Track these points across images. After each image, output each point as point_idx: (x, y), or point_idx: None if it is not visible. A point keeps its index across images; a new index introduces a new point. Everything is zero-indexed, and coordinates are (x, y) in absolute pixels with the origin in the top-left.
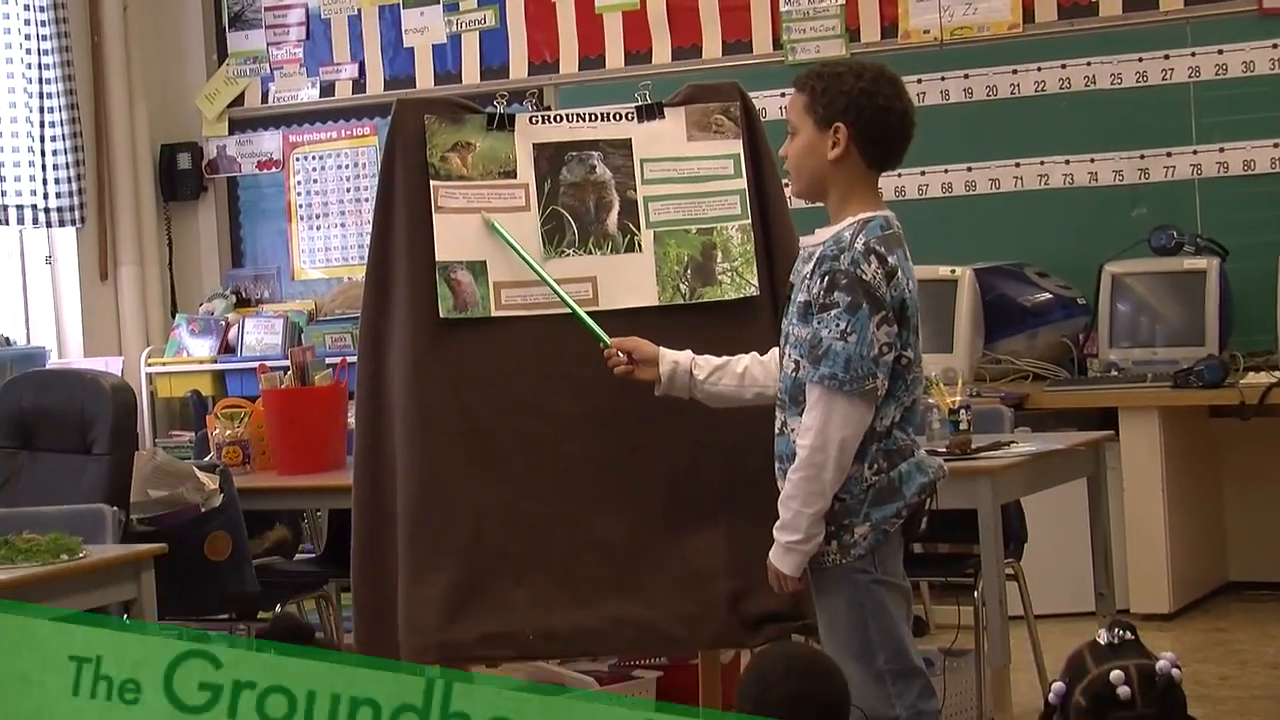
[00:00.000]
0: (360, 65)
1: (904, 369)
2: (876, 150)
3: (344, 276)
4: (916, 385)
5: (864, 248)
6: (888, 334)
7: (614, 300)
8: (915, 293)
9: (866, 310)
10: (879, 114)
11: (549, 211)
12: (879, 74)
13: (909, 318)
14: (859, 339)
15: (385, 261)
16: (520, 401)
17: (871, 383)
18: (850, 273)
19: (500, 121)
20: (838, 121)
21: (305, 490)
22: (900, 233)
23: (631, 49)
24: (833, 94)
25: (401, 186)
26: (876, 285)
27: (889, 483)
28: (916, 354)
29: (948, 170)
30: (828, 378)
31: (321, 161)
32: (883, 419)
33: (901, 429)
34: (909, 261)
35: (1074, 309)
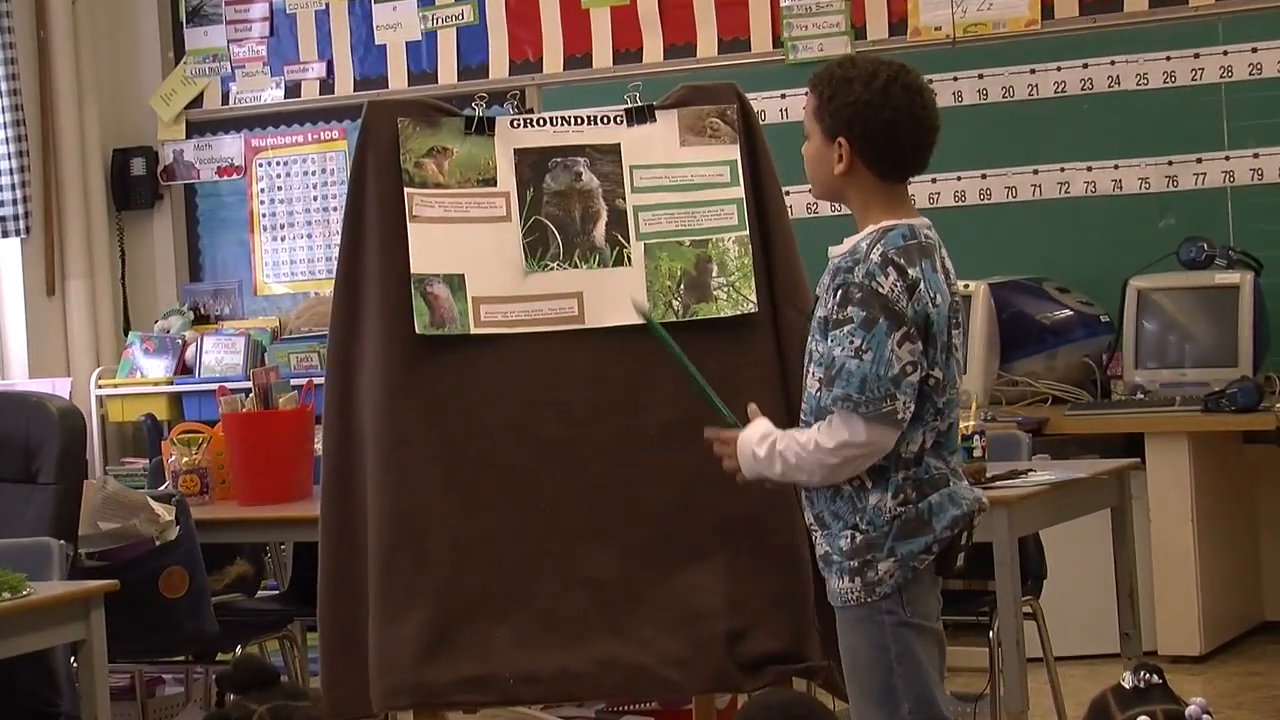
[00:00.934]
0: (328, 64)
1: (933, 390)
2: (886, 164)
3: (311, 291)
4: (951, 409)
5: (881, 259)
6: (911, 352)
7: (601, 318)
8: (947, 308)
9: (884, 326)
10: (884, 129)
11: (531, 222)
12: (892, 80)
13: (935, 335)
14: (875, 357)
15: (355, 275)
16: (502, 427)
17: (891, 405)
18: (865, 286)
19: (479, 125)
20: (840, 136)
21: (268, 522)
22: (929, 243)
23: (621, 47)
24: (838, 104)
25: (373, 194)
26: (895, 299)
27: (917, 515)
28: (950, 375)
29: (960, 178)
30: (841, 399)
31: (286, 167)
32: (909, 444)
33: (937, 456)
34: (940, 274)
35: (1097, 327)
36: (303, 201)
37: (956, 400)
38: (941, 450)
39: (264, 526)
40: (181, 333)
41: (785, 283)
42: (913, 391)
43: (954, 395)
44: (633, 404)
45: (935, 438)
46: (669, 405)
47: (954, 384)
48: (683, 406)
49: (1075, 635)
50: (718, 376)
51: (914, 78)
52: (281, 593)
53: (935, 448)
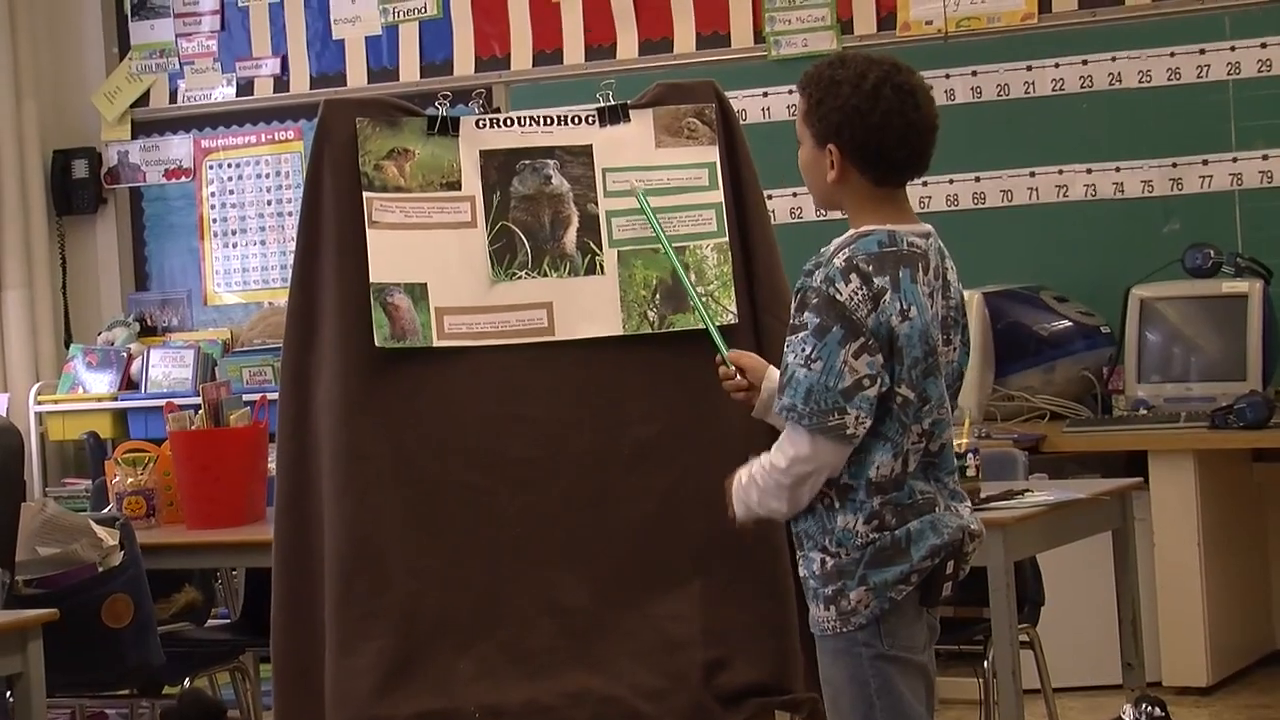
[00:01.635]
0: (283, 60)
1: (900, 409)
2: (879, 170)
3: (264, 301)
4: (941, 429)
5: (844, 264)
6: (869, 365)
7: (572, 329)
8: (924, 322)
9: (838, 335)
10: (874, 134)
11: (498, 228)
12: (882, 81)
13: (901, 350)
14: (825, 367)
15: (311, 284)
16: (466, 445)
17: (838, 419)
18: (823, 291)
19: (443, 125)
20: (830, 142)
21: (219, 547)
22: (912, 252)
23: (593, 42)
24: (826, 108)
25: (330, 199)
26: (854, 308)
27: (893, 542)
28: (934, 393)
29: (953, 180)
30: (787, 409)
31: (238, 170)
32: (878, 467)
33: (926, 479)
34: (921, 286)
35: (1097, 338)
36: (255, 206)
37: (947, 420)
38: (935, 472)
39: (214, 551)
40: (126, 345)
41: (767, 292)
42: (869, 407)
43: (944, 415)
44: (605, 420)
45: (922, 459)
46: (644, 421)
47: (942, 403)
48: (659, 423)
49: (1074, 665)
50: (696, 391)
51: (907, 77)
52: (232, 621)
53: (924, 470)
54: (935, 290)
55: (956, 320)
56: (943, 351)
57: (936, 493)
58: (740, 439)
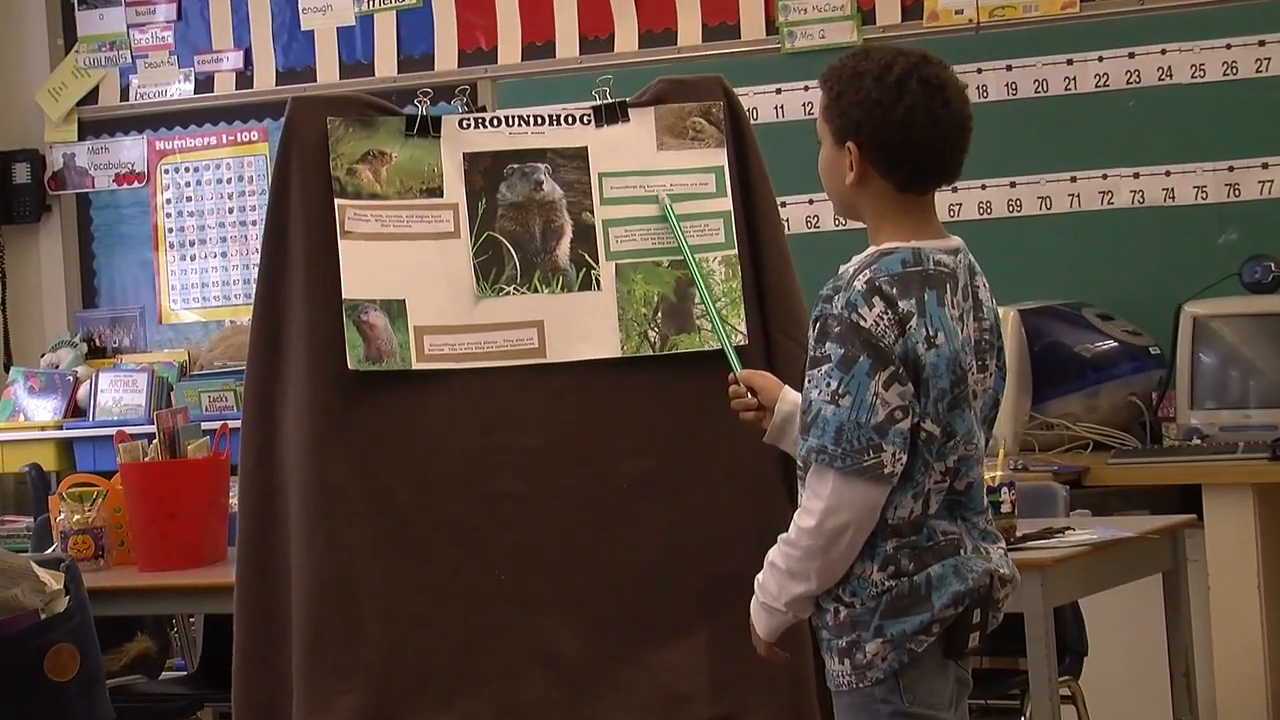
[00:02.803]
0: (246, 53)
1: (924, 445)
2: (902, 173)
3: (226, 320)
4: (968, 466)
5: (865, 287)
6: (900, 395)
7: (565, 350)
8: (954, 350)
9: (865, 365)
10: (896, 131)
11: (484, 239)
12: (907, 74)
13: (927, 380)
14: (854, 401)
15: (277, 301)
16: (449, 478)
17: (873, 457)
18: (844, 318)
19: (423, 125)
20: (849, 140)
21: (175, 591)
22: (939, 271)
23: (589, 34)
24: (846, 102)
25: (298, 206)
26: (880, 334)
27: (911, 589)
28: (963, 428)
29: (985, 186)
30: (816, 451)
31: (197, 174)
32: (897, 509)
33: (951, 519)
34: (946, 309)
35: (1145, 360)
36: (216, 215)
37: (975, 457)
38: (962, 511)
39: (169, 596)
40: (73, 368)
41: (779, 310)
42: (903, 442)
43: (971, 452)
44: (601, 451)
45: (945, 498)
46: (643, 453)
47: (970, 438)
48: (659, 454)
49: None
50: (702, 420)
51: (936, 70)
52: (190, 674)
53: (950, 510)
54: (965, 312)
55: (991, 343)
56: (977, 379)
57: (963, 533)
58: (750, 472)
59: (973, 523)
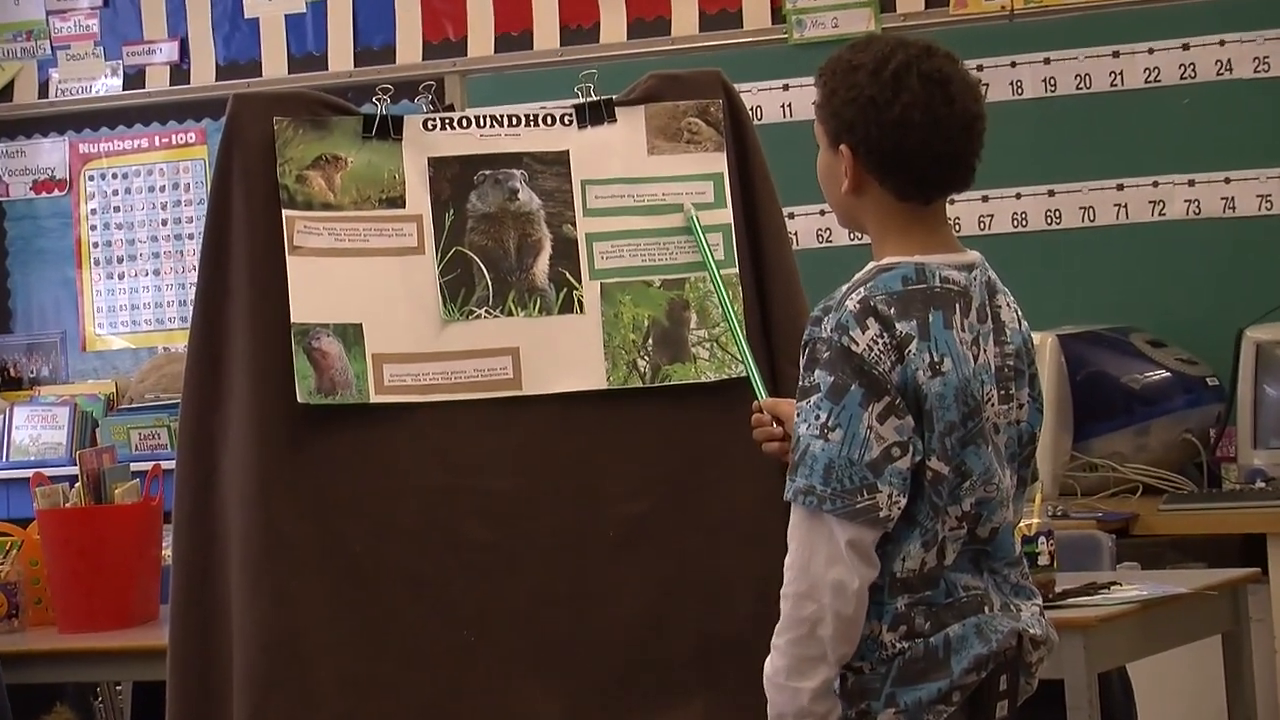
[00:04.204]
0: (182, 44)
1: (933, 486)
2: (900, 180)
3: (159, 346)
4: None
5: (858, 307)
6: (898, 429)
7: (544, 382)
8: (959, 377)
9: (858, 395)
10: (890, 132)
11: (451, 255)
12: (905, 67)
13: (931, 413)
14: (846, 436)
15: (217, 325)
16: (411, 526)
17: (867, 498)
18: (834, 342)
19: (382, 126)
20: (843, 142)
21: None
22: (947, 290)
23: (570, 22)
24: (839, 101)
25: (241, 218)
26: (874, 360)
27: (927, 652)
28: (966, 465)
29: (1021, 195)
30: (803, 492)
31: (126, 182)
32: (905, 559)
33: (975, 572)
34: (954, 331)
35: (1201, 393)
36: (148, 227)
37: (998, 499)
38: (989, 563)
39: (94, 661)
40: None
41: (787, 337)
42: (902, 482)
43: (992, 494)
44: (585, 495)
45: (966, 548)
46: (632, 497)
47: (989, 478)
48: (651, 498)
49: None
50: (699, 459)
51: (940, 63)
52: None
53: (974, 561)
54: (982, 335)
55: (1019, 370)
56: (999, 411)
57: (989, 588)
58: (753, 517)
59: (1002, 575)
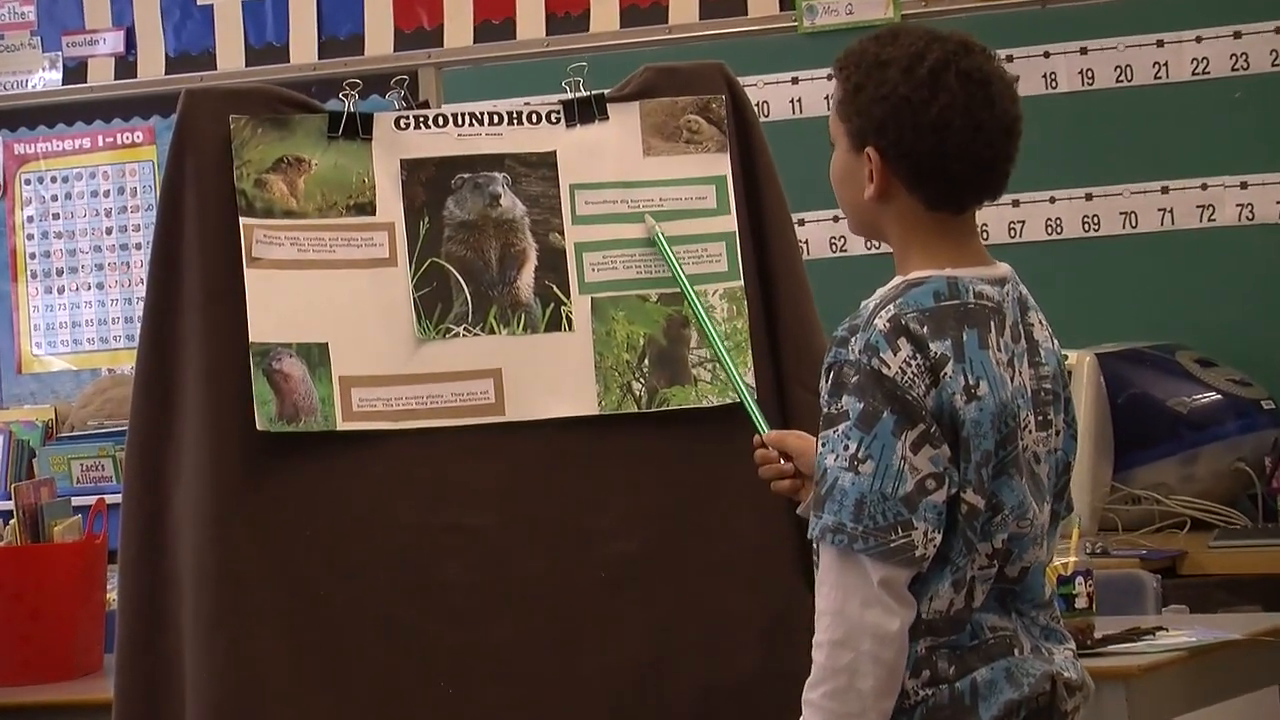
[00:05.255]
0: (128, 33)
1: (967, 520)
2: (934, 188)
3: (103, 368)
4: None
5: (889, 325)
6: (932, 460)
7: (528, 407)
8: (1000, 404)
9: (890, 422)
10: (928, 136)
11: (427, 267)
12: (943, 64)
13: (968, 441)
14: (878, 467)
15: (168, 344)
16: (382, 566)
17: (901, 535)
18: (863, 365)
19: (350, 125)
20: (869, 144)
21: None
22: (981, 306)
23: (557, 9)
24: (866, 98)
25: (194, 227)
26: (907, 384)
27: (953, 699)
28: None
29: (1055, 199)
30: (832, 530)
31: (67, 186)
32: (933, 599)
33: (1002, 612)
34: (990, 351)
35: (1255, 417)
36: (91, 236)
37: (1031, 535)
38: (1016, 604)
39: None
40: None
41: (797, 355)
42: (937, 517)
43: (1025, 529)
44: (574, 532)
45: (994, 588)
46: (625, 534)
47: (1022, 512)
48: (645, 535)
49: None
50: (699, 493)
51: (979, 60)
52: None
53: (1001, 602)
54: (1016, 356)
55: (1055, 393)
56: (1036, 438)
57: (1018, 630)
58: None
59: (1030, 617)
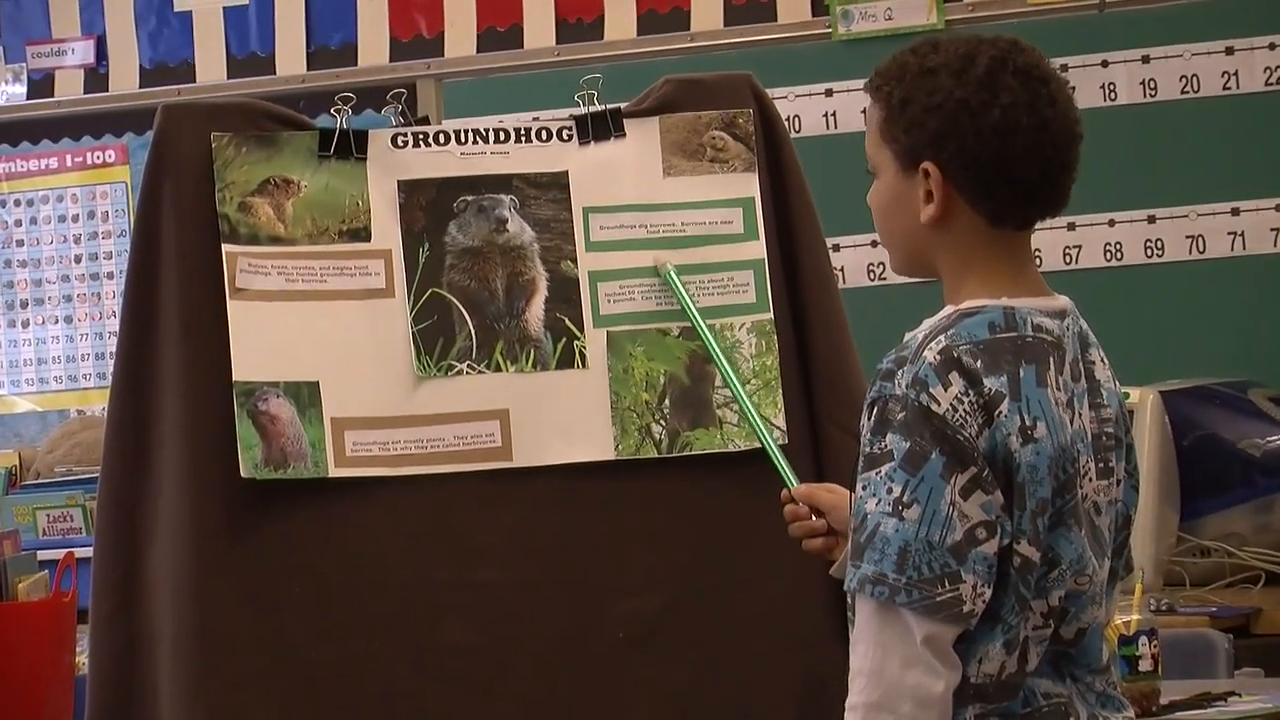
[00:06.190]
0: (98, 43)
1: (1021, 575)
2: (1000, 199)
3: (71, 409)
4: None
5: (939, 358)
6: (984, 507)
7: (539, 452)
8: (1053, 445)
9: (938, 464)
10: (993, 139)
11: (427, 297)
12: (999, 63)
13: (1023, 487)
14: (923, 513)
15: (144, 383)
16: (377, 626)
17: (948, 589)
18: (909, 400)
19: (343, 143)
20: (926, 159)
21: None
22: (1040, 341)
23: (569, 14)
24: (918, 109)
25: (171, 255)
26: (958, 423)
27: None
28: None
29: (1114, 222)
30: (872, 581)
31: (32, 209)
32: (982, 661)
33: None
34: (1049, 390)
35: None
36: (58, 264)
37: (1090, 593)
38: (1071, 669)
39: None
40: None
41: (831, 393)
42: (987, 571)
43: (1083, 586)
44: (589, 588)
45: (1045, 648)
46: (645, 590)
47: (1082, 567)
48: (667, 592)
49: None
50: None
51: (1033, 58)
52: None
53: (1054, 665)
54: (1076, 396)
55: (1117, 439)
56: (1098, 487)
57: (1073, 697)
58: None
59: (1085, 683)
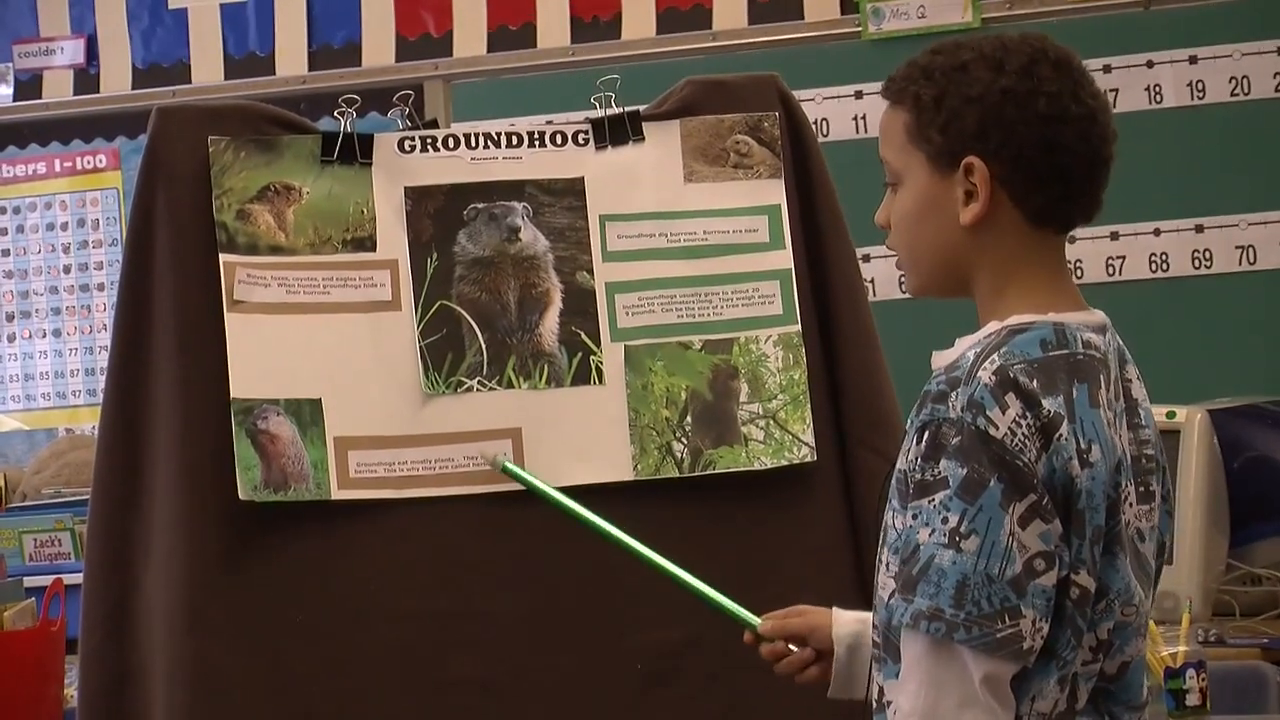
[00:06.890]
0: (89, 42)
1: (1076, 606)
2: (1048, 194)
3: (60, 428)
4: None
5: (996, 379)
6: (1043, 536)
7: (553, 472)
8: (1111, 469)
9: (997, 492)
10: (1038, 128)
11: (435, 310)
12: (1036, 57)
13: (1082, 514)
14: (982, 544)
15: (136, 400)
16: (381, 659)
17: (1008, 625)
18: (965, 424)
19: (347, 148)
20: (970, 154)
21: None
22: (1090, 358)
23: (584, 13)
24: (955, 102)
25: (166, 265)
26: (1016, 448)
27: None
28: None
29: (1159, 231)
30: (927, 617)
31: (19, 217)
32: (1035, 699)
33: (1092, 715)
34: (1100, 410)
35: None
36: (46, 275)
37: (1140, 625)
38: (1109, 706)
39: None
40: None
41: (861, 410)
42: (1046, 605)
43: (1130, 618)
44: (606, 618)
45: (1090, 684)
46: (666, 620)
47: (1129, 598)
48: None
49: None
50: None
51: (1066, 52)
52: None
53: (1093, 703)
54: (1119, 415)
55: (1157, 462)
56: (1139, 512)
57: None
58: None
59: None
